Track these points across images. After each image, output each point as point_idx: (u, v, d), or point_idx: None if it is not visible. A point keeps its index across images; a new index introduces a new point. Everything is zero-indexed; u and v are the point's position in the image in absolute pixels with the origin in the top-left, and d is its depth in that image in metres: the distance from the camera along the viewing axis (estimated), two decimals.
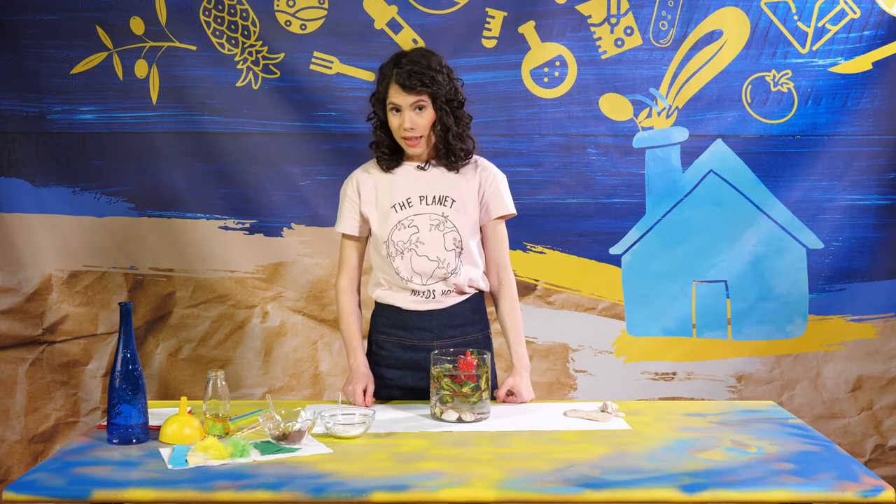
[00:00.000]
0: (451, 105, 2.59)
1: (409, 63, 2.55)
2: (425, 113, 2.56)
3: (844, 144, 3.56)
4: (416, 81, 2.52)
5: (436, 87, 2.54)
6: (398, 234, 2.61)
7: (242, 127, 3.56)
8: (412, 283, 2.63)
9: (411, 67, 2.53)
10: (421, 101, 2.55)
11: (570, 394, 3.66)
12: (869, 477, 2.02)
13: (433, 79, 2.54)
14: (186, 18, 3.51)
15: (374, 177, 2.68)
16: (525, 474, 2.03)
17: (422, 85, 2.53)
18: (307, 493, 1.96)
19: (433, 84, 2.54)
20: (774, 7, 3.50)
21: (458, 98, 2.60)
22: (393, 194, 2.64)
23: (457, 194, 2.63)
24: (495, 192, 2.67)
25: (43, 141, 3.58)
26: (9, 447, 3.63)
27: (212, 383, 2.30)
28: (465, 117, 2.63)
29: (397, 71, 2.55)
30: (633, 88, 3.55)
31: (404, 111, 2.55)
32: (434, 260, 2.61)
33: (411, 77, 2.53)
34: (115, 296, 3.63)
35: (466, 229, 2.63)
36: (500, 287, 2.72)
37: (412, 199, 2.63)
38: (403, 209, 2.63)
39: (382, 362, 2.70)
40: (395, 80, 2.55)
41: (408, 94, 2.54)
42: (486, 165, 2.70)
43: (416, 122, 2.56)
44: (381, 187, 2.66)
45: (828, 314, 3.63)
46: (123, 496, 1.97)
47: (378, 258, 2.68)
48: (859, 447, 3.64)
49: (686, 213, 3.60)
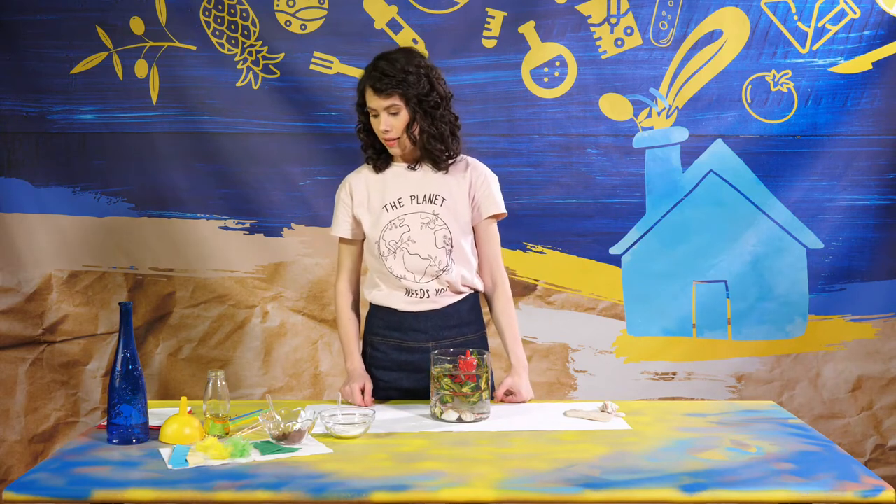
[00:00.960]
0: (425, 105, 2.56)
1: (384, 65, 2.55)
2: (401, 115, 2.56)
3: (844, 144, 3.56)
4: (387, 84, 2.52)
5: (406, 88, 2.53)
6: (389, 233, 2.62)
7: (242, 127, 3.56)
8: (405, 280, 2.63)
9: (384, 69, 2.54)
10: (394, 103, 2.54)
11: (570, 394, 3.66)
12: (869, 477, 2.02)
13: (404, 80, 2.53)
14: (186, 18, 3.51)
15: (366, 179, 2.69)
16: (525, 474, 2.03)
17: (392, 87, 2.52)
18: (307, 493, 1.96)
19: (403, 85, 2.53)
20: (774, 7, 3.51)
21: (434, 98, 2.57)
22: (384, 195, 2.65)
23: (447, 193, 2.64)
24: (486, 191, 2.67)
25: (43, 141, 3.58)
26: (9, 447, 3.63)
27: (212, 383, 2.30)
28: (445, 117, 2.60)
29: (371, 73, 2.56)
30: (633, 88, 3.56)
31: (380, 114, 2.56)
32: (426, 258, 2.62)
33: (381, 80, 2.53)
34: (115, 296, 3.63)
35: (457, 227, 2.63)
36: (493, 287, 2.72)
37: (403, 199, 2.64)
38: (394, 209, 2.63)
39: (378, 364, 2.71)
40: (369, 85, 2.56)
41: (379, 97, 2.54)
42: (477, 165, 2.70)
43: (391, 124, 2.56)
44: (373, 189, 2.67)
45: (828, 314, 3.63)
46: (123, 496, 1.97)
47: (371, 259, 2.69)
48: (859, 447, 3.64)
49: (686, 213, 3.60)
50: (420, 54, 2.62)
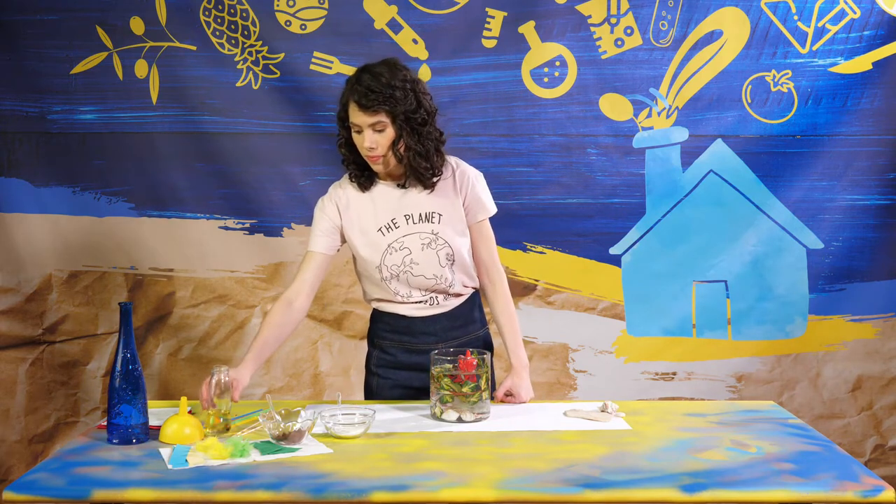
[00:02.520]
0: (412, 122, 2.46)
1: (368, 80, 2.43)
2: (386, 132, 2.45)
3: (844, 144, 3.56)
4: (373, 100, 2.40)
5: (393, 105, 2.42)
6: (390, 258, 2.55)
7: (242, 127, 3.56)
8: (412, 297, 2.60)
9: (369, 84, 2.42)
10: (379, 120, 2.43)
11: (570, 394, 3.66)
12: (869, 477, 2.02)
13: (391, 96, 2.41)
14: (186, 18, 3.51)
15: (354, 197, 2.58)
16: (525, 474, 2.03)
17: (378, 103, 2.41)
18: (307, 493, 1.96)
19: (390, 102, 2.41)
20: (774, 7, 3.50)
21: (422, 114, 2.47)
22: (377, 216, 2.56)
23: (442, 208, 2.56)
24: (474, 196, 2.59)
25: (43, 141, 3.58)
26: (9, 447, 3.63)
27: (215, 378, 2.29)
28: (431, 133, 2.50)
29: (355, 88, 2.44)
30: (633, 88, 3.55)
31: (364, 130, 2.45)
32: (431, 278, 2.58)
33: (367, 96, 2.41)
34: (115, 296, 3.63)
35: (457, 239, 2.58)
36: (492, 287, 2.67)
37: (398, 220, 2.56)
38: (391, 231, 2.55)
39: (387, 364, 2.68)
40: (352, 99, 2.44)
41: (364, 113, 2.42)
42: (464, 169, 2.61)
43: (376, 142, 2.45)
44: (363, 209, 2.57)
45: (828, 314, 3.63)
46: (123, 496, 1.97)
47: (370, 279, 2.62)
48: (859, 447, 3.64)
49: (686, 213, 3.60)
50: (405, 67, 2.50)
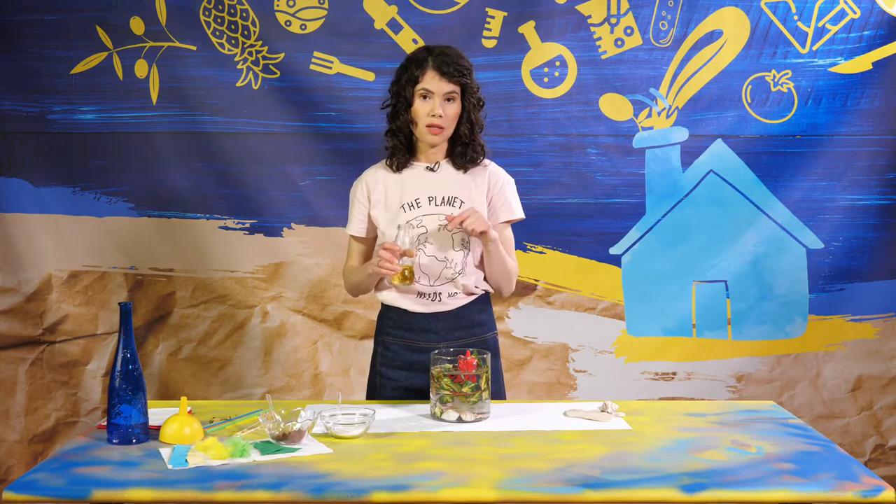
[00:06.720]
0: (473, 103, 2.60)
1: (451, 52, 2.57)
2: (454, 105, 2.57)
3: (844, 144, 3.56)
4: (454, 70, 2.53)
5: (469, 80, 2.57)
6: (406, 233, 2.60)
7: (242, 127, 3.56)
8: (419, 283, 2.62)
9: (449, 57, 2.55)
10: (453, 91, 2.55)
11: (570, 394, 3.66)
12: (869, 477, 2.02)
13: (468, 72, 2.57)
14: (186, 18, 3.51)
15: (383, 178, 2.67)
16: (525, 474, 2.03)
17: (459, 75, 2.54)
18: (307, 493, 1.96)
19: (468, 76, 2.56)
20: (774, 7, 3.51)
21: (481, 98, 2.63)
22: (403, 195, 2.63)
23: (465, 195, 2.63)
24: (502, 196, 2.66)
25: (43, 141, 3.58)
26: (9, 447, 3.63)
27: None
28: (480, 120, 2.64)
29: (438, 57, 2.55)
30: (633, 88, 3.56)
31: (435, 98, 2.55)
32: (441, 260, 2.60)
33: (449, 65, 2.54)
34: (115, 296, 3.63)
35: None
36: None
37: (421, 200, 2.62)
38: (412, 209, 2.62)
39: (389, 363, 2.69)
40: (433, 66, 2.54)
41: (443, 80, 2.54)
42: (496, 169, 2.70)
43: (445, 111, 2.55)
44: (391, 188, 2.65)
45: (828, 314, 3.63)
46: (123, 496, 1.97)
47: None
48: (859, 447, 3.64)
49: (686, 213, 3.60)
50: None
